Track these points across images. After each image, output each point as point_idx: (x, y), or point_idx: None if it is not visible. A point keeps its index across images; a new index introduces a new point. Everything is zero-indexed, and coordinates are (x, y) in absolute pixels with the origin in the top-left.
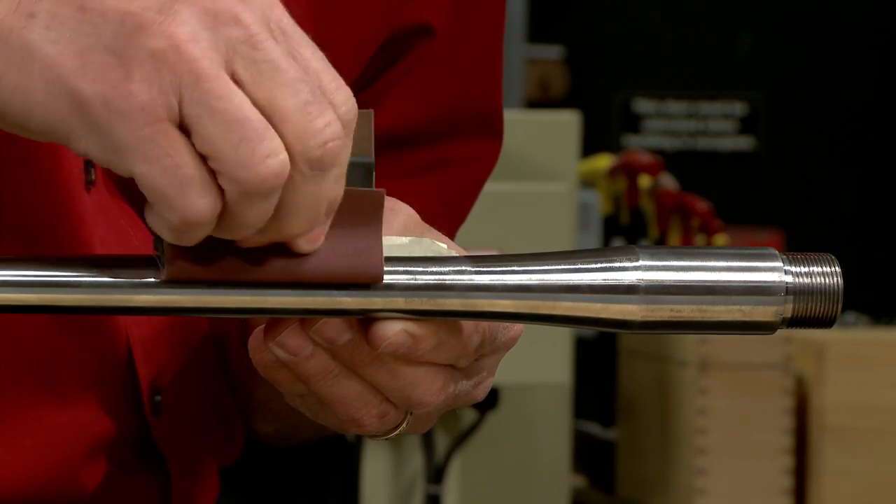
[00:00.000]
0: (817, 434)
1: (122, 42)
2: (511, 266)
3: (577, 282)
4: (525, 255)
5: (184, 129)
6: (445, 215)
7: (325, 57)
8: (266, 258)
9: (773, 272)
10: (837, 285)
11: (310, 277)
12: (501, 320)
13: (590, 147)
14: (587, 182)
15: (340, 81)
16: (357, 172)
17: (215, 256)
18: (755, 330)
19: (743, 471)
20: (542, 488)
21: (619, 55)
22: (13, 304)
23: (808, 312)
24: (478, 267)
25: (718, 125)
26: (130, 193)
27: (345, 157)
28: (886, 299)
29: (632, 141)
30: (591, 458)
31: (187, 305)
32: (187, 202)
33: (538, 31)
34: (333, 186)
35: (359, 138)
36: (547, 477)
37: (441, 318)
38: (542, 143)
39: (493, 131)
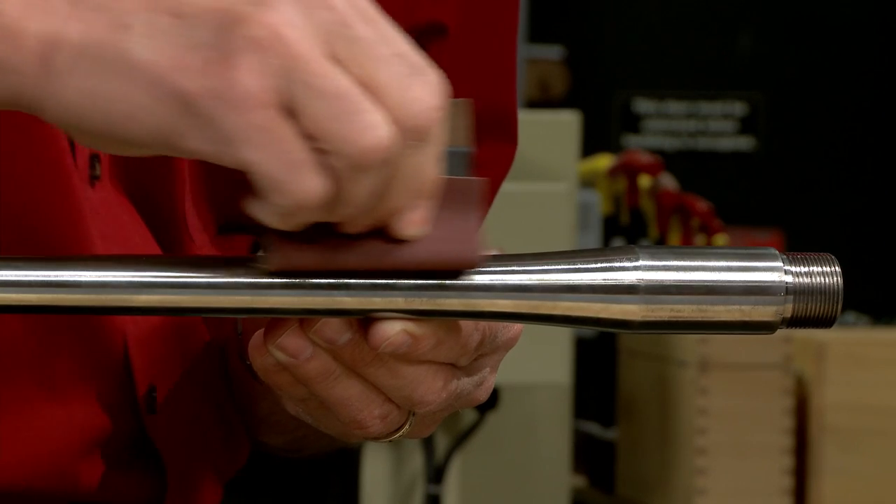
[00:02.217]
0: (817, 434)
1: (223, 36)
2: (511, 266)
3: (577, 282)
4: (525, 255)
5: (290, 113)
6: None
7: (408, 41)
8: (368, 245)
9: (773, 272)
10: (837, 285)
11: (410, 263)
12: (501, 320)
13: (590, 147)
14: (587, 182)
15: (427, 63)
16: (454, 161)
17: (319, 245)
18: (755, 330)
19: (743, 471)
20: (542, 488)
21: (619, 55)
22: (13, 304)
23: (808, 312)
24: (478, 267)
25: (718, 125)
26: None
27: (441, 132)
28: (886, 299)
29: (632, 141)
30: (591, 458)
31: (187, 305)
32: (300, 185)
33: (538, 31)
34: (432, 162)
35: (455, 128)
36: (547, 477)
37: (441, 318)
38: (542, 143)
39: (507, 135)
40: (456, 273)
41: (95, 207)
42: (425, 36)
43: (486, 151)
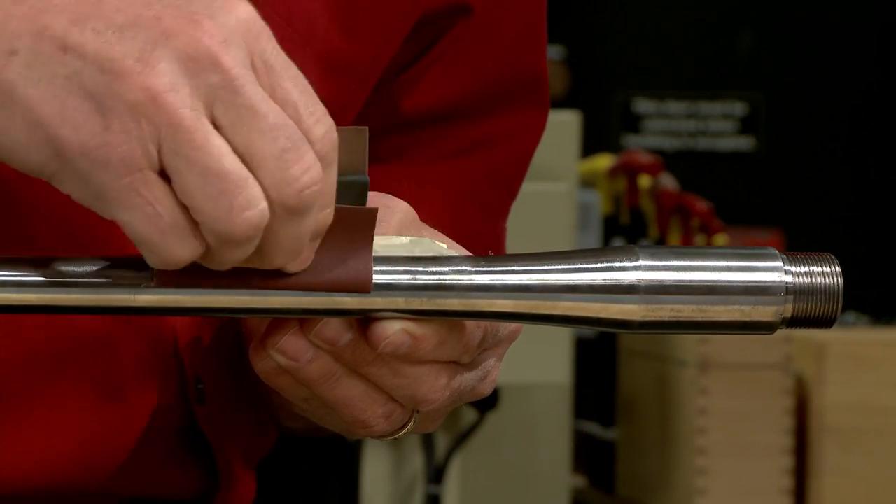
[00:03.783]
0: (817, 434)
1: (102, 89)
2: (511, 266)
3: (577, 282)
4: (525, 255)
5: (165, 176)
6: (496, 191)
7: (308, 86)
8: (254, 274)
9: (773, 272)
10: (837, 285)
11: (297, 290)
12: (501, 320)
13: (590, 147)
14: (587, 182)
15: (321, 112)
16: (349, 191)
17: (203, 272)
18: (755, 330)
19: (743, 471)
20: (542, 488)
21: (619, 55)
22: (13, 304)
23: (808, 312)
24: (478, 267)
25: (718, 125)
26: None
27: (326, 197)
28: (886, 299)
29: (632, 141)
30: (591, 458)
31: (187, 305)
32: (168, 249)
33: None
34: (314, 224)
35: (351, 156)
36: (547, 477)
37: (441, 318)
38: (542, 143)
39: (538, 100)
40: (456, 273)
41: None
42: (450, 16)
43: (518, 119)
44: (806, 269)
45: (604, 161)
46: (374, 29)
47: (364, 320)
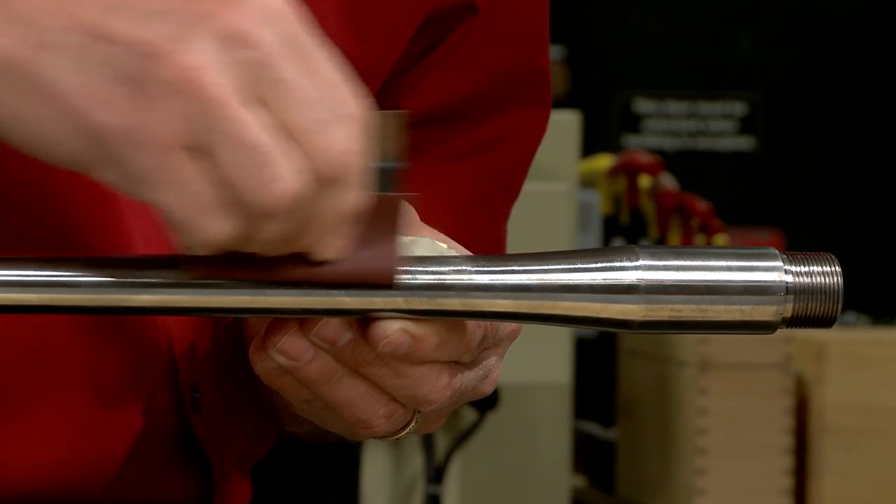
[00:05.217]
0: (817, 434)
1: (136, 71)
2: (511, 266)
3: (577, 282)
4: (525, 255)
5: (200, 154)
6: (499, 193)
7: (341, 69)
8: (286, 262)
9: (773, 272)
10: (837, 285)
11: (326, 280)
12: (501, 320)
13: (590, 147)
14: (587, 182)
15: (351, 91)
16: (381, 177)
17: (236, 260)
18: (755, 330)
19: (743, 471)
20: (542, 488)
21: (619, 55)
22: (13, 304)
23: (808, 312)
24: (478, 267)
25: (718, 125)
26: None
27: (360, 173)
28: (886, 299)
29: (632, 141)
30: (591, 458)
31: (187, 305)
32: (207, 226)
33: None
34: (350, 199)
35: (385, 142)
36: (547, 477)
37: (441, 318)
38: (542, 143)
39: (540, 99)
40: (455, 272)
41: (136, 209)
42: (455, 15)
43: (522, 118)
44: (806, 268)
45: (604, 161)
46: (382, 29)
47: (364, 320)
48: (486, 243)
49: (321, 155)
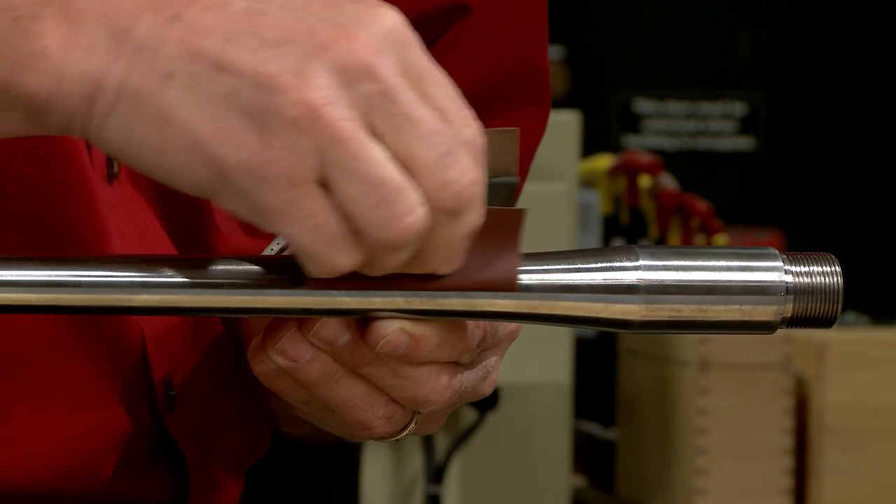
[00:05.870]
0: (817, 434)
1: (260, 106)
2: None
3: (577, 282)
4: (525, 254)
5: (326, 186)
6: None
7: (455, 90)
8: (404, 278)
9: (773, 272)
10: (837, 285)
11: (444, 290)
12: (501, 320)
13: (590, 147)
14: (587, 182)
15: (469, 116)
16: (498, 192)
17: (354, 275)
18: (755, 330)
19: (743, 471)
20: (542, 488)
21: (619, 55)
22: (13, 304)
23: (808, 312)
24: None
25: (718, 125)
26: None
27: (480, 199)
28: (886, 299)
29: (632, 141)
30: (591, 458)
31: (187, 305)
32: (332, 258)
33: None
34: (469, 226)
35: (501, 157)
36: (547, 477)
37: (441, 318)
38: (542, 143)
39: (539, 98)
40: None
41: (114, 206)
42: (447, 16)
43: (520, 118)
44: (806, 268)
45: (604, 161)
46: None
47: (363, 320)
48: None
49: (445, 189)
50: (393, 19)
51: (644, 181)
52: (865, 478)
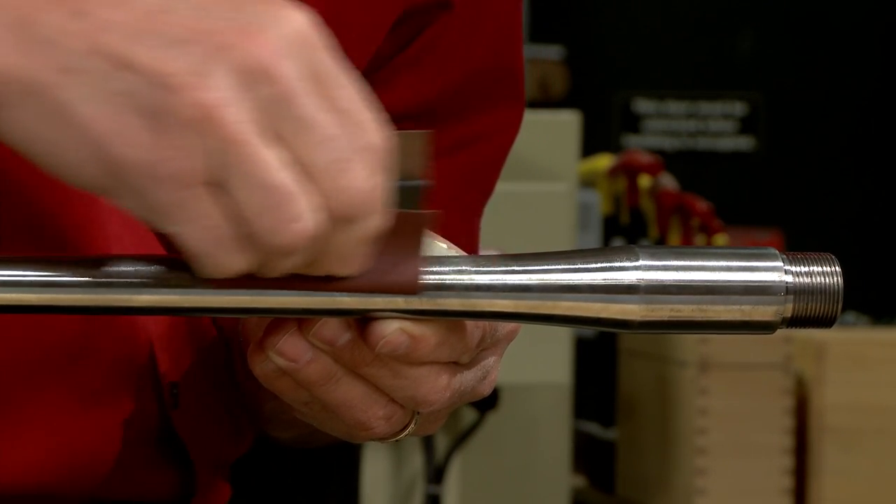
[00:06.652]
0: (817, 434)
1: (157, 105)
2: (511, 266)
3: (577, 282)
4: (525, 255)
5: (218, 188)
6: (472, 192)
7: (362, 93)
8: (303, 279)
9: (773, 272)
10: (837, 285)
11: (346, 292)
12: (501, 320)
13: (590, 147)
14: (587, 182)
15: (373, 119)
16: (405, 194)
17: (251, 277)
18: (755, 330)
19: (743, 471)
20: (542, 488)
21: (619, 55)
22: (13, 304)
23: (808, 312)
24: (477, 267)
25: (718, 125)
26: None
27: (378, 204)
28: (886, 299)
29: (632, 141)
30: (591, 458)
31: (187, 305)
32: (221, 262)
33: (538, 31)
34: (367, 230)
35: (409, 159)
36: (547, 477)
37: (440, 318)
38: (542, 143)
39: (514, 96)
40: (455, 273)
41: (108, 207)
42: (429, 11)
43: (497, 117)
44: (806, 269)
45: (604, 161)
46: (357, 26)
47: (363, 320)
48: (460, 241)
49: (340, 194)
50: (300, 21)
51: (644, 181)
52: (865, 478)
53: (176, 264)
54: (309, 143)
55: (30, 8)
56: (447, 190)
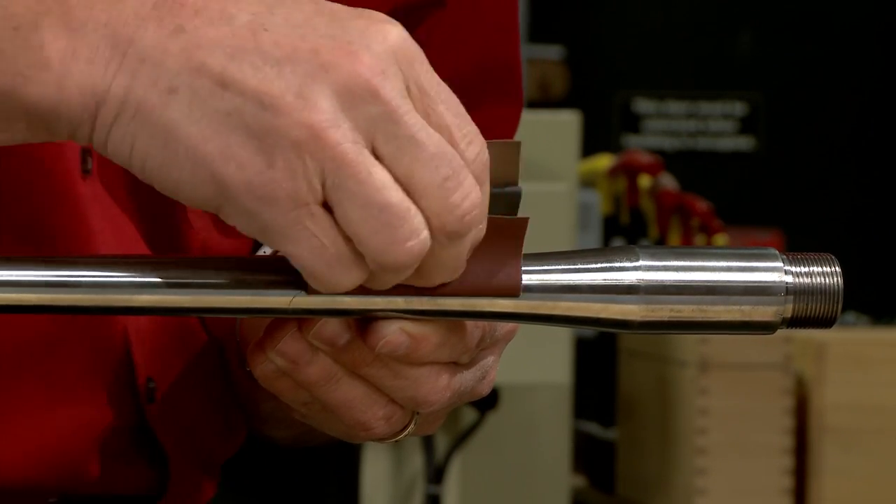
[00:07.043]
0: (817, 434)
1: (263, 126)
2: None
3: (577, 282)
4: (525, 254)
5: (329, 207)
6: None
7: (459, 106)
8: (408, 288)
9: (773, 272)
10: (837, 285)
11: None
12: (501, 320)
13: (590, 147)
14: (587, 182)
15: (473, 133)
16: (501, 201)
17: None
18: (755, 330)
19: (743, 471)
20: (542, 488)
21: (619, 55)
22: (13, 304)
23: (808, 312)
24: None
25: (718, 125)
26: None
27: (482, 219)
28: (886, 299)
29: (632, 141)
30: (591, 458)
31: (187, 305)
32: (334, 279)
33: (538, 31)
34: (470, 244)
35: (504, 167)
36: (547, 477)
37: (440, 318)
38: (542, 143)
39: (511, 95)
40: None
41: (89, 202)
42: (421, 11)
43: (492, 115)
44: (806, 269)
45: (604, 161)
46: None
47: (363, 321)
48: None
49: (447, 213)
50: (397, 35)
51: (644, 181)
52: (865, 478)
53: (176, 264)
54: (416, 161)
55: (129, 27)
56: None
